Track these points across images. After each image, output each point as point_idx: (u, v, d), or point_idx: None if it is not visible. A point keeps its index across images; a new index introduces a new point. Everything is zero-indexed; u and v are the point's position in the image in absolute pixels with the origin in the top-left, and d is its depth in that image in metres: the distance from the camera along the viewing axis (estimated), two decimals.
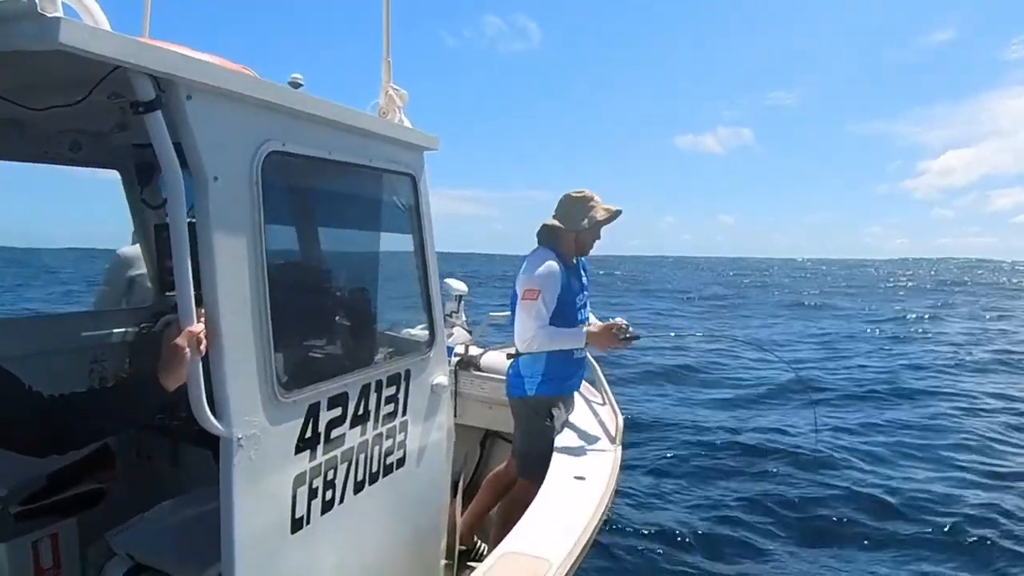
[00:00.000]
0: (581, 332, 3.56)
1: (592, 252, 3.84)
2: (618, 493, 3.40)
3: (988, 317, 26.48)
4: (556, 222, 3.71)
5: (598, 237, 3.78)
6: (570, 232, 3.69)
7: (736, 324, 24.14)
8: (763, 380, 12.10)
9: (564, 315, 3.59)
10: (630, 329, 3.60)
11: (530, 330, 3.49)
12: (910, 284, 56.62)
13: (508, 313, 3.87)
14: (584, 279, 3.89)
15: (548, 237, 3.73)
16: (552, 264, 3.56)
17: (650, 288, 47.64)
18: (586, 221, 3.65)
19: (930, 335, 20.25)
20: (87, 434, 1.82)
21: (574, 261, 3.80)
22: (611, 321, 3.63)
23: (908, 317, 25.55)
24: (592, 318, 3.98)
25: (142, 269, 4.07)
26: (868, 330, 21.64)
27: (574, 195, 3.73)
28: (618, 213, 3.74)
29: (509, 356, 3.76)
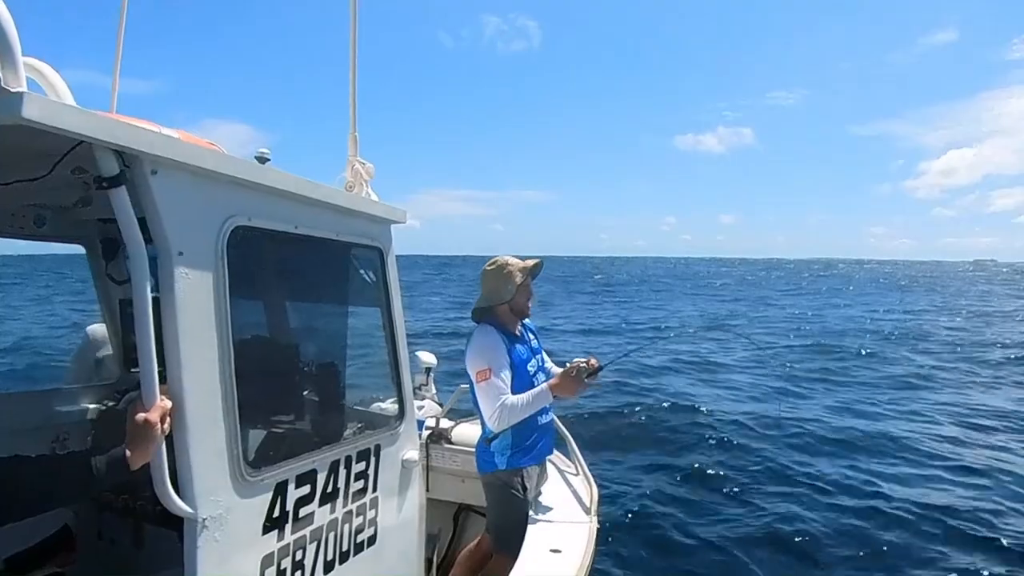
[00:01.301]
0: (545, 389, 3.51)
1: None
2: (595, 566, 3.33)
3: None
4: (485, 302, 3.72)
5: (531, 296, 3.78)
6: (501, 305, 3.70)
7: None
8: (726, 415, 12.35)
9: (520, 386, 3.56)
10: (590, 363, 3.54)
11: (494, 408, 3.45)
12: None
13: (475, 385, 3.83)
14: (534, 342, 3.89)
15: (483, 315, 3.74)
16: (493, 339, 3.56)
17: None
18: (511, 287, 3.64)
19: None
20: (38, 496, 1.73)
21: (519, 328, 3.80)
22: (568, 365, 3.60)
23: None
24: (555, 368, 3.96)
25: (109, 346, 4.01)
26: None
27: (489, 269, 3.74)
28: (538, 266, 3.76)
29: (487, 440, 3.70)
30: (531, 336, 3.91)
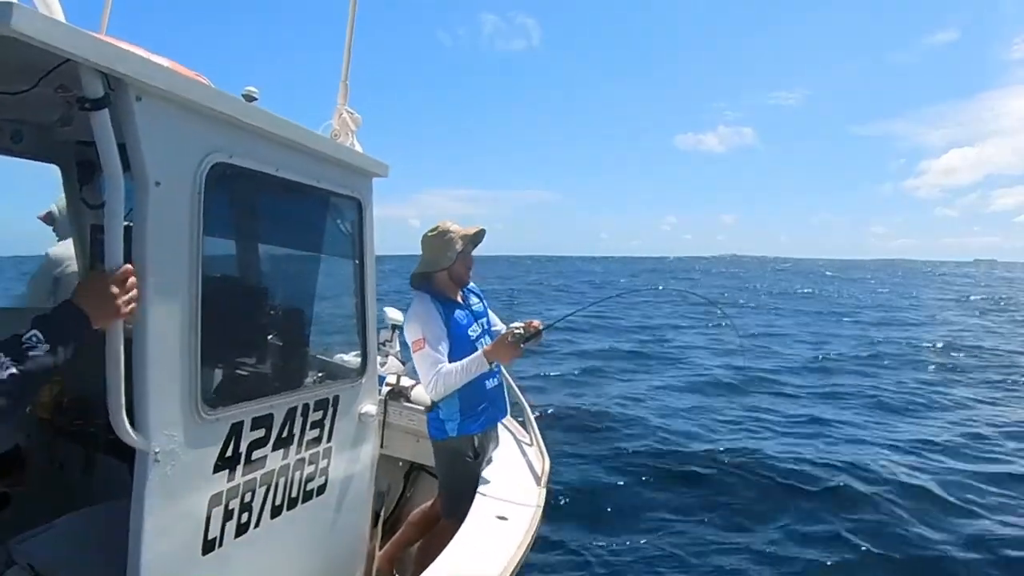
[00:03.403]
0: (480, 356, 3.50)
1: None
2: (540, 536, 3.38)
3: None
4: (423, 267, 3.70)
5: (470, 264, 3.78)
6: (440, 272, 3.69)
7: None
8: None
9: (460, 351, 3.57)
10: (528, 329, 3.55)
11: (430, 376, 3.47)
12: None
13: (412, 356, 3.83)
14: (477, 306, 3.90)
15: (421, 282, 3.73)
16: (427, 308, 3.56)
17: None
18: (450, 254, 3.63)
19: None
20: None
21: (459, 295, 3.80)
22: (505, 329, 3.62)
23: None
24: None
25: (70, 268, 3.95)
26: None
27: (430, 235, 3.71)
28: (480, 233, 3.75)
29: (427, 410, 3.73)
30: (475, 299, 3.92)
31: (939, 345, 19.26)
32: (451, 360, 3.51)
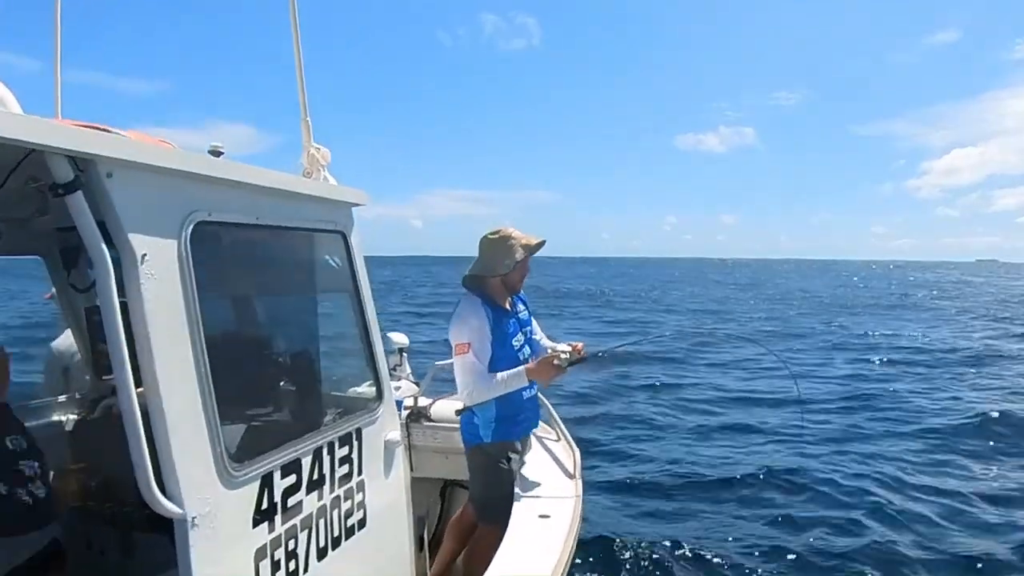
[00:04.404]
0: (521, 372, 3.48)
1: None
2: (583, 525, 3.40)
3: None
4: (478, 271, 3.64)
5: (526, 273, 3.73)
6: (495, 277, 3.63)
7: None
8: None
9: (504, 359, 3.54)
10: (576, 353, 3.52)
11: (468, 384, 3.46)
12: None
13: (452, 358, 3.82)
14: (523, 313, 3.85)
15: (474, 284, 3.67)
16: (478, 313, 3.50)
17: None
18: (508, 261, 3.57)
19: None
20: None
21: (508, 302, 3.75)
22: (548, 352, 3.56)
23: None
24: (548, 342, 3.94)
25: (78, 357, 3.94)
26: None
27: (491, 237, 3.64)
28: (541, 244, 3.68)
29: (458, 412, 3.70)
30: (521, 306, 3.87)
31: None
32: (492, 368, 3.48)
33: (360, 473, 2.75)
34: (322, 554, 2.47)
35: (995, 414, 10.58)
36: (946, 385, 13.89)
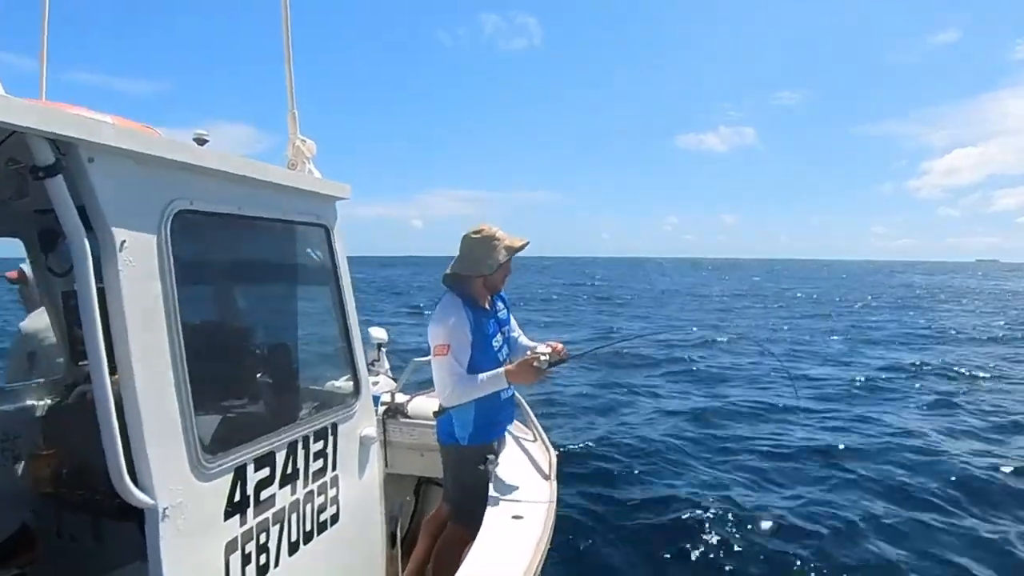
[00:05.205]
0: (501, 374, 3.44)
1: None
2: (557, 528, 3.39)
3: None
4: (460, 270, 3.58)
5: (508, 272, 3.68)
6: (477, 277, 3.59)
7: None
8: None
9: (482, 360, 3.51)
10: (554, 354, 3.45)
11: (448, 386, 3.41)
12: None
13: (430, 357, 3.79)
14: (502, 312, 3.82)
15: (455, 283, 3.62)
16: (459, 315, 3.46)
17: None
18: (491, 262, 3.53)
19: None
20: None
21: (488, 301, 3.72)
22: (528, 354, 3.52)
23: None
24: (526, 340, 3.93)
25: (47, 341, 3.89)
26: None
27: (474, 236, 3.58)
28: (524, 245, 3.64)
29: (435, 414, 3.66)
30: (501, 305, 3.84)
31: None
32: (470, 368, 3.45)
33: (334, 468, 2.74)
34: (293, 548, 2.46)
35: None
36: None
